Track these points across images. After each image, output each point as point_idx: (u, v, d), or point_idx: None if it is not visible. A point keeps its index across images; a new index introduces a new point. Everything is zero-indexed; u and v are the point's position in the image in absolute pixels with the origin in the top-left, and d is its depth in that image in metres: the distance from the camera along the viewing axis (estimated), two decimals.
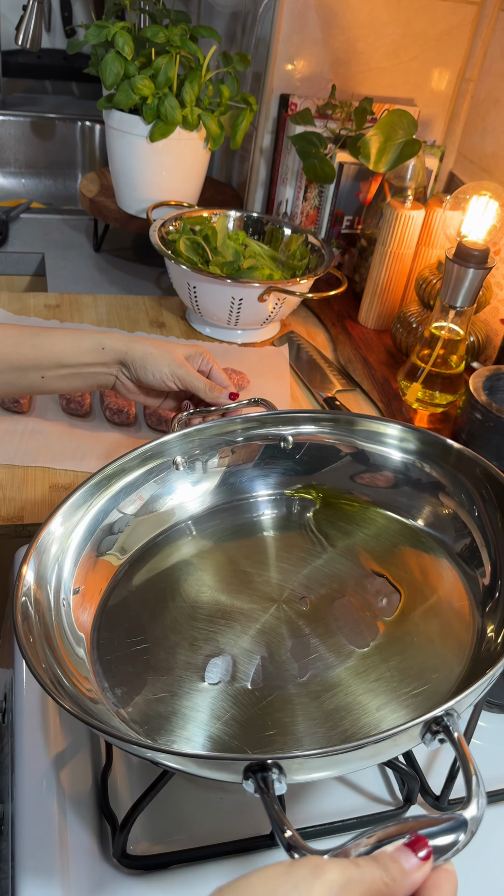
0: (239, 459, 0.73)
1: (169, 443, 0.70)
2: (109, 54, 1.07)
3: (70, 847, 0.54)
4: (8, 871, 0.55)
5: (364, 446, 0.72)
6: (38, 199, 1.89)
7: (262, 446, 0.73)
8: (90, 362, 0.76)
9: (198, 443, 0.71)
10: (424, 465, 0.70)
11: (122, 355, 0.76)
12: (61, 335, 0.75)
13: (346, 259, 1.27)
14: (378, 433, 0.72)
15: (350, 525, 0.70)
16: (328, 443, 0.73)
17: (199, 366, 0.80)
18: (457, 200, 0.95)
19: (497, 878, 0.57)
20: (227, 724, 0.53)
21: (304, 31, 1.15)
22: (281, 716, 0.53)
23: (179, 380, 0.77)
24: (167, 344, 0.78)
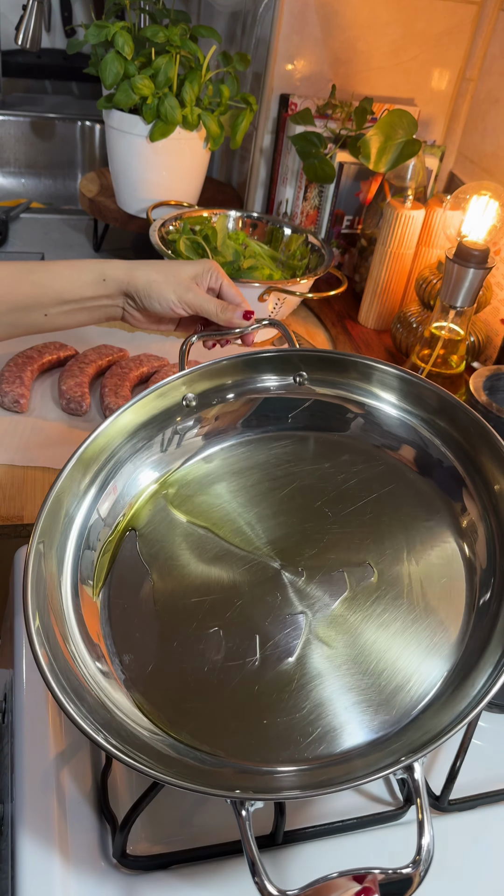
0: (249, 406, 0.69)
1: (176, 384, 0.65)
2: (109, 54, 1.07)
3: (70, 847, 0.54)
4: (8, 870, 0.55)
5: (375, 404, 0.68)
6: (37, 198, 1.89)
7: (275, 385, 0.68)
8: (93, 295, 0.72)
9: (207, 379, 0.67)
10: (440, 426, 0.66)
11: (125, 286, 0.72)
12: (60, 269, 0.71)
13: (346, 259, 1.27)
14: (393, 386, 0.68)
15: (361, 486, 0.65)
16: (337, 396, 0.69)
17: (209, 283, 0.74)
18: (457, 200, 0.95)
19: (497, 877, 0.57)
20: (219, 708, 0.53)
21: (304, 31, 1.15)
22: (252, 708, 0.53)
23: (188, 305, 0.72)
24: (171, 265, 0.72)
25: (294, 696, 0.54)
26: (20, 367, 0.93)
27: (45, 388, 0.96)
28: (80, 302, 0.72)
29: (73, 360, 0.97)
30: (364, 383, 0.68)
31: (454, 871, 0.57)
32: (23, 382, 0.91)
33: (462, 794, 0.61)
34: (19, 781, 0.57)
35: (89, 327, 1.09)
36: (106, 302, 0.73)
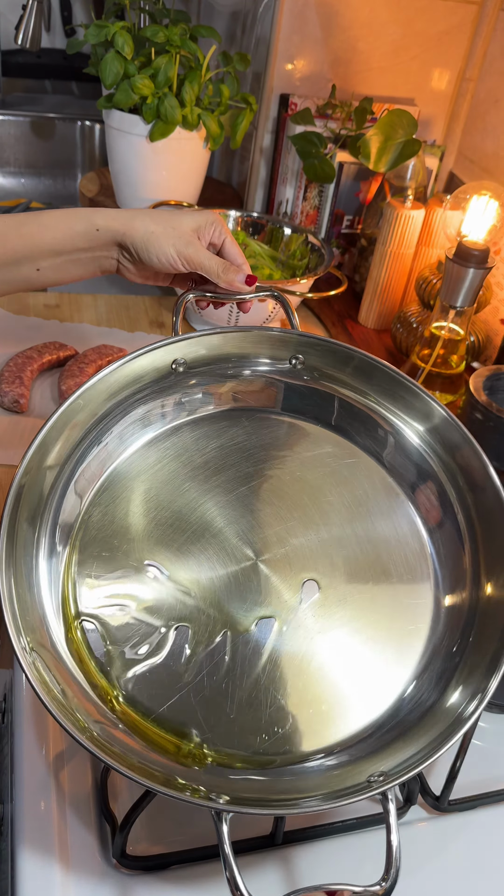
0: (242, 379, 0.67)
1: (170, 348, 0.63)
2: (109, 54, 1.07)
3: (70, 847, 0.54)
4: (8, 871, 0.55)
5: (371, 405, 0.67)
6: (37, 198, 1.89)
7: (268, 370, 0.67)
8: (86, 247, 0.67)
9: (201, 350, 0.65)
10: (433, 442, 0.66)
11: (121, 236, 0.67)
12: (50, 220, 0.67)
13: (346, 259, 1.27)
14: (389, 386, 0.67)
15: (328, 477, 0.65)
16: (330, 389, 0.68)
17: (212, 237, 0.69)
18: (457, 200, 0.95)
19: (497, 877, 0.57)
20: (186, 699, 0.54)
21: (304, 31, 1.15)
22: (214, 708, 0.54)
23: (187, 261, 0.67)
24: (172, 216, 0.68)
25: (263, 694, 0.54)
26: (20, 367, 0.93)
27: (45, 388, 0.96)
28: (72, 254, 0.68)
29: (73, 360, 0.97)
30: (360, 381, 0.67)
31: (454, 871, 0.57)
32: (23, 382, 0.91)
33: (462, 794, 0.61)
34: (19, 781, 0.57)
35: (89, 327, 1.09)
36: (100, 253, 0.69)
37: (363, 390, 0.67)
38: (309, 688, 0.55)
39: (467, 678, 0.55)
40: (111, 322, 1.12)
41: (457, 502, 0.64)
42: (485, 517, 0.63)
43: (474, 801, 0.61)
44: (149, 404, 0.64)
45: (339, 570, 0.61)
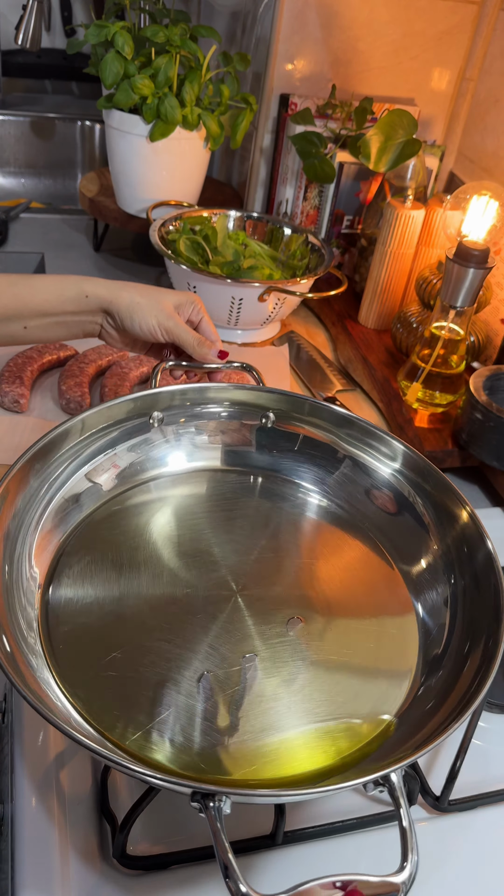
0: (217, 429, 0.71)
1: (148, 398, 0.68)
2: (109, 54, 1.07)
3: (70, 847, 0.54)
4: (8, 871, 0.55)
5: (350, 450, 0.71)
6: (37, 198, 1.89)
7: (242, 422, 0.71)
8: (73, 311, 0.72)
9: (178, 403, 0.69)
10: (400, 478, 0.70)
11: (107, 304, 0.72)
12: (43, 283, 0.71)
13: (346, 259, 1.27)
14: (365, 438, 0.70)
15: (312, 527, 0.69)
16: (315, 435, 0.72)
17: (189, 315, 0.75)
18: (457, 200, 0.95)
19: (497, 877, 0.57)
20: (169, 720, 0.53)
21: (304, 31, 1.15)
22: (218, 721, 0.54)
23: (167, 332, 0.73)
24: (155, 292, 0.74)
25: (249, 719, 0.54)
26: (20, 367, 0.93)
27: (45, 388, 0.96)
28: (60, 316, 0.73)
29: (73, 360, 0.97)
30: (335, 427, 0.71)
31: (454, 870, 0.57)
32: (23, 382, 0.91)
33: (462, 794, 0.61)
34: (19, 781, 0.57)
35: None
36: (86, 318, 0.74)
37: (337, 433, 0.72)
38: (296, 715, 0.55)
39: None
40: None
41: (433, 527, 0.67)
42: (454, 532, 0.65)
43: (474, 801, 0.61)
44: (122, 453, 0.68)
45: (322, 606, 0.63)
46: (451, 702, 0.54)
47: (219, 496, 0.70)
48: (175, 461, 0.71)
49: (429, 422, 0.97)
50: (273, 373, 1.06)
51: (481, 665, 0.54)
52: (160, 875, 0.53)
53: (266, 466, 0.72)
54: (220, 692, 0.55)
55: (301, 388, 1.05)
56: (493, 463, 0.90)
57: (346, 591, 0.64)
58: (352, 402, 1.04)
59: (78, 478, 0.66)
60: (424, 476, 0.68)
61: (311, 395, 1.05)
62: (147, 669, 0.55)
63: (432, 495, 0.67)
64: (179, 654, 0.56)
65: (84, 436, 0.66)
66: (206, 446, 0.72)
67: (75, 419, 0.64)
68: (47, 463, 0.63)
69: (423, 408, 0.98)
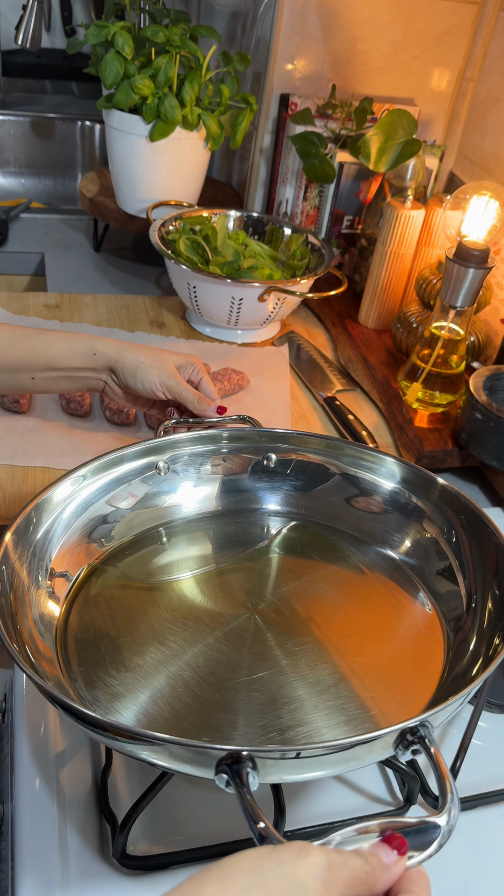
0: (229, 470, 0.75)
1: (154, 448, 0.71)
2: (109, 54, 1.07)
3: (70, 847, 0.54)
4: (8, 871, 0.55)
5: (348, 470, 0.73)
6: (37, 198, 1.89)
7: (250, 460, 0.75)
8: (81, 367, 0.76)
9: (184, 450, 0.72)
10: (407, 492, 0.71)
11: (113, 363, 0.76)
12: (54, 338, 0.75)
13: (346, 259, 1.27)
14: (361, 459, 0.73)
15: (328, 548, 0.70)
16: (314, 463, 0.74)
17: (190, 376, 0.80)
18: (457, 200, 0.95)
19: (497, 877, 0.57)
20: (191, 726, 0.53)
21: (304, 31, 1.15)
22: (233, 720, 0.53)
23: (169, 390, 0.77)
24: (159, 353, 0.78)
25: (276, 719, 0.54)
26: None
27: None
28: (67, 371, 0.76)
29: None
30: (334, 458, 0.74)
31: (454, 870, 0.57)
32: None
33: (462, 794, 0.61)
34: (19, 781, 0.57)
35: (89, 327, 1.09)
36: (91, 374, 0.78)
37: (337, 457, 0.74)
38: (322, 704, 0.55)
39: None
40: (111, 322, 1.12)
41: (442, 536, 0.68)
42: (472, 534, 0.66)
43: (474, 800, 0.61)
44: (136, 483, 0.71)
45: (341, 616, 0.63)
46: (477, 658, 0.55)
47: (230, 526, 0.72)
48: (187, 502, 0.73)
49: (429, 422, 0.97)
50: (273, 373, 1.06)
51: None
52: (160, 875, 0.53)
53: (272, 499, 0.75)
54: (247, 699, 0.55)
55: (301, 388, 1.05)
56: (493, 463, 0.90)
57: (360, 597, 0.65)
58: (352, 402, 1.04)
59: (99, 504, 0.68)
60: (427, 489, 0.70)
61: (311, 394, 1.05)
62: (174, 682, 0.56)
63: (439, 505, 0.69)
64: (208, 667, 0.57)
65: (99, 473, 0.68)
66: (216, 485, 0.74)
67: (86, 466, 0.67)
68: (55, 510, 0.65)
69: (423, 408, 0.98)
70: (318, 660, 0.58)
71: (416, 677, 0.58)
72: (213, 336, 1.13)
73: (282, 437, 0.74)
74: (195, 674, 0.56)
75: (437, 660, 0.59)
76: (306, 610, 0.63)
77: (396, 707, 0.55)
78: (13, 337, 0.74)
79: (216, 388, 0.95)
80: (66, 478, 0.65)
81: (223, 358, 1.08)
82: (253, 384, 1.03)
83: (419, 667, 0.59)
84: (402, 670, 0.59)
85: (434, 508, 0.69)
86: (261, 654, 0.58)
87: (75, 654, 0.57)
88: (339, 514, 0.73)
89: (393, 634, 0.62)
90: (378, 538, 0.71)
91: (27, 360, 0.74)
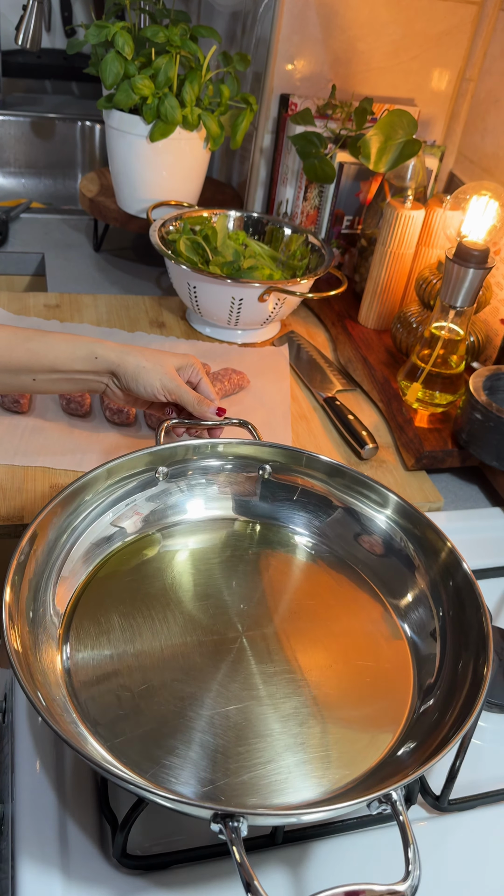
0: (222, 481, 0.76)
1: (154, 455, 0.71)
2: (109, 54, 1.07)
3: (70, 847, 0.54)
4: (8, 871, 0.55)
5: (342, 497, 0.74)
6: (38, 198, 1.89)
7: (243, 474, 0.75)
8: (82, 370, 0.77)
9: (182, 458, 0.73)
10: (398, 529, 0.72)
11: (115, 367, 0.77)
12: (56, 341, 0.76)
13: (346, 259, 1.27)
14: (358, 487, 0.73)
15: (313, 578, 0.71)
16: (309, 485, 0.75)
17: (189, 377, 0.80)
18: (457, 200, 0.95)
19: (497, 877, 0.57)
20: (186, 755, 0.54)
21: (304, 31, 1.15)
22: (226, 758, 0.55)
23: (170, 393, 0.78)
24: (159, 355, 0.79)
25: (255, 752, 0.55)
26: None
27: None
28: (68, 373, 0.77)
29: None
30: (328, 477, 0.75)
31: (454, 870, 0.57)
32: None
33: (462, 794, 0.61)
34: (19, 781, 0.57)
35: (89, 328, 1.09)
36: (92, 377, 0.78)
37: (329, 483, 0.75)
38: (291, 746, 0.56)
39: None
40: (111, 322, 1.12)
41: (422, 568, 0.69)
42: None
43: (474, 800, 0.61)
44: (141, 502, 0.72)
45: (320, 644, 0.65)
46: (442, 728, 0.56)
47: (226, 544, 0.73)
48: (187, 510, 0.75)
49: (429, 422, 0.97)
50: (273, 373, 1.06)
51: (469, 693, 0.56)
52: (160, 875, 0.53)
53: (266, 515, 0.76)
54: (228, 729, 0.56)
55: (301, 388, 1.05)
56: (492, 463, 0.91)
57: (342, 629, 0.66)
58: (352, 402, 1.04)
59: (103, 524, 0.69)
60: (412, 520, 0.71)
61: (311, 394, 1.05)
62: (162, 708, 0.57)
63: (418, 537, 0.70)
64: (192, 693, 0.58)
65: (104, 486, 0.69)
66: (215, 497, 0.76)
67: (99, 469, 0.68)
68: (69, 511, 0.66)
69: (422, 408, 0.98)
70: (293, 693, 0.59)
71: (386, 713, 0.60)
72: (213, 336, 1.13)
73: (278, 453, 0.75)
74: (177, 703, 0.57)
75: (404, 704, 0.61)
76: (290, 642, 0.64)
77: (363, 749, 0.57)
78: (14, 339, 0.74)
79: (216, 388, 0.95)
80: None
81: (223, 358, 1.08)
82: (253, 384, 1.03)
83: (389, 704, 0.61)
84: (372, 710, 0.60)
85: (435, 574, 0.68)
86: (243, 683, 0.60)
87: (81, 690, 0.58)
88: (350, 549, 0.73)
89: (367, 676, 0.63)
90: (378, 577, 0.71)
91: (28, 362, 0.75)
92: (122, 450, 0.88)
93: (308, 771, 0.55)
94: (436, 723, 0.57)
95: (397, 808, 0.47)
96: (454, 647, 0.62)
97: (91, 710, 0.56)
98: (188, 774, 0.53)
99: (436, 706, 0.59)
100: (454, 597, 0.65)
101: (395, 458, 0.96)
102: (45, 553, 0.63)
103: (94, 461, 0.85)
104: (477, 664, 0.58)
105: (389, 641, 0.65)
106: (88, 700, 0.57)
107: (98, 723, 0.55)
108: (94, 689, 0.58)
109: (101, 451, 0.87)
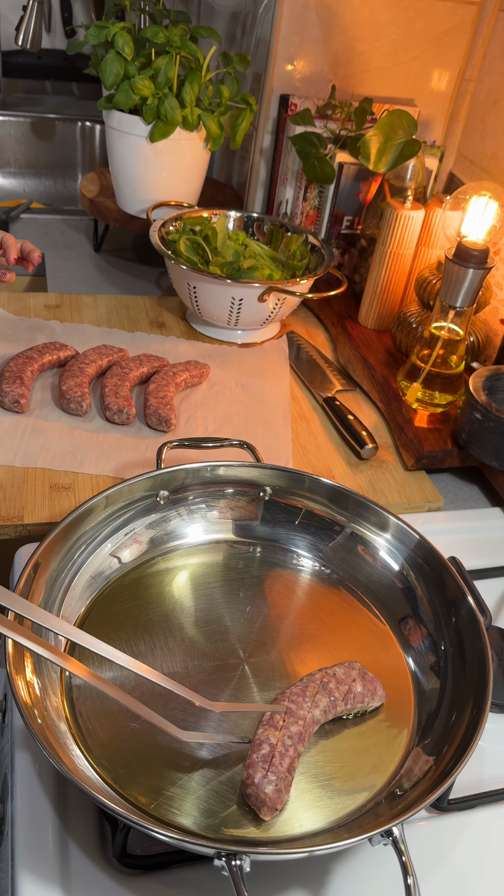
0: (223, 506, 0.75)
1: (155, 479, 0.71)
2: (109, 54, 1.07)
3: (70, 847, 0.54)
4: (8, 871, 0.55)
5: (343, 521, 0.74)
6: (38, 199, 1.89)
7: (244, 497, 0.75)
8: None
9: (182, 482, 0.73)
10: (398, 554, 0.72)
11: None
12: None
13: (346, 259, 1.27)
14: (360, 510, 0.73)
15: (317, 599, 0.71)
16: (311, 507, 0.75)
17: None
18: (456, 200, 0.95)
19: (497, 877, 0.57)
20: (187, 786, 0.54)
21: (304, 32, 1.15)
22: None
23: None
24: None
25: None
26: (20, 367, 0.93)
27: (45, 388, 0.96)
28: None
29: (74, 360, 0.97)
30: (332, 501, 0.75)
31: (454, 870, 0.57)
32: (23, 382, 0.91)
33: (462, 793, 0.61)
34: (19, 781, 0.57)
35: (89, 328, 1.09)
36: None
37: (330, 506, 0.75)
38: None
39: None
40: (111, 322, 1.13)
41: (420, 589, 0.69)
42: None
43: (474, 800, 0.61)
44: (141, 530, 0.72)
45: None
46: (442, 761, 0.56)
47: (228, 567, 0.73)
48: (188, 535, 0.74)
49: (428, 422, 0.97)
50: (273, 373, 1.06)
51: (469, 725, 0.57)
52: (160, 875, 0.53)
53: (268, 537, 0.76)
54: (231, 757, 0.56)
55: (301, 389, 1.05)
56: (492, 463, 0.91)
57: (344, 656, 0.66)
58: (352, 402, 1.04)
59: (103, 556, 0.69)
60: (417, 547, 0.70)
61: (311, 394, 1.05)
62: (164, 738, 0.56)
63: (422, 565, 0.70)
64: (194, 722, 0.58)
65: (104, 514, 0.69)
66: (216, 520, 0.75)
67: (98, 497, 0.67)
68: (69, 542, 0.66)
69: (422, 408, 0.99)
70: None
71: (387, 743, 0.60)
72: (214, 336, 1.13)
73: (278, 476, 0.75)
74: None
75: (405, 734, 0.61)
76: (292, 668, 0.64)
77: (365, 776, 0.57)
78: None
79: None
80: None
81: (223, 358, 1.08)
82: (253, 384, 1.03)
83: (390, 734, 0.61)
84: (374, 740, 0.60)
85: (438, 607, 0.68)
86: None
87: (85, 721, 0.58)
88: (352, 572, 0.73)
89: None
90: (380, 601, 0.71)
91: None
92: (121, 450, 0.88)
93: (309, 801, 0.55)
94: (436, 751, 0.57)
95: (399, 846, 0.48)
96: (454, 684, 0.62)
97: (93, 741, 0.56)
98: (191, 805, 0.53)
99: (434, 740, 0.59)
100: (454, 636, 0.65)
101: (395, 458, 0.96)
102: (48, 586, 0.63)
103: (94, 461, 0.85)
104: (475, 708, 0.58)
105: (391, 671, 0.65)
106: (91, 732, 0.57)
107: (101, 755, 0.55)
108: (97, 721, 0.58)
109: (101, 452, 0.87)
